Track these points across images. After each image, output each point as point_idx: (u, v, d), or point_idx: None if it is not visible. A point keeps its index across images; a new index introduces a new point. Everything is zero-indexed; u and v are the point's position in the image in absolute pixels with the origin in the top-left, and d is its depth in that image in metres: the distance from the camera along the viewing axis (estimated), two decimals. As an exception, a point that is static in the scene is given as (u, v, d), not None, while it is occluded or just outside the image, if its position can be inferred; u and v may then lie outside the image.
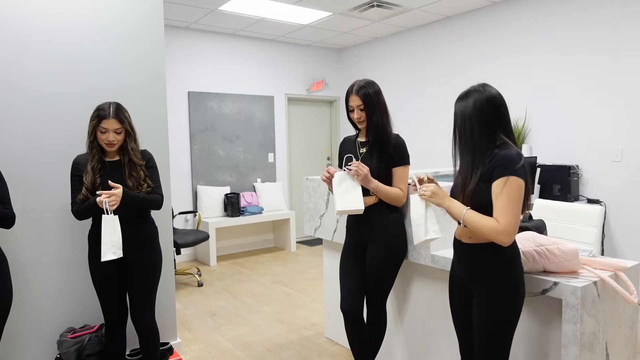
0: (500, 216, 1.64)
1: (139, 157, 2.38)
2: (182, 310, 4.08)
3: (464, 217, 1.71)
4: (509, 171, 1.65)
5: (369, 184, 2.27)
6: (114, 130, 2.28)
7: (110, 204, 2.18)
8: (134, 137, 2.37)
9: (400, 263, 2.44)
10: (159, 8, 2.98)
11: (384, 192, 2.30)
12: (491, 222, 1.65)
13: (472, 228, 1.71)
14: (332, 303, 3.28)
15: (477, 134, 1.73)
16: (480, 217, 1.68)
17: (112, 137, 2.28)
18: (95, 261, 2.38)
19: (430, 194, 1.81)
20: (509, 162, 1.67)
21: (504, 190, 1.65)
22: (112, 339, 2.50)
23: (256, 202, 6.15)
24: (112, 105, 2.31)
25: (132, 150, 2.36)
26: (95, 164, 2.30)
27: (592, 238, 2.78)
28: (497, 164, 1.68)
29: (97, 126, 2.28)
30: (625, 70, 3.98)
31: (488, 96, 1.74)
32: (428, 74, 5.71)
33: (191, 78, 5.79)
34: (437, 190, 1.81)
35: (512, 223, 1.64)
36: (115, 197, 2.19)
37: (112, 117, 2.26)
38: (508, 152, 1.69)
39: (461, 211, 1.72)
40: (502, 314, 1.73)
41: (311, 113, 7.03)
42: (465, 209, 1.71)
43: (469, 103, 1.75)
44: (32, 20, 2.59)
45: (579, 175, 4.29)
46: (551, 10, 4.46)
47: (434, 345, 2.58)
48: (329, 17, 5.30)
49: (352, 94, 2.34)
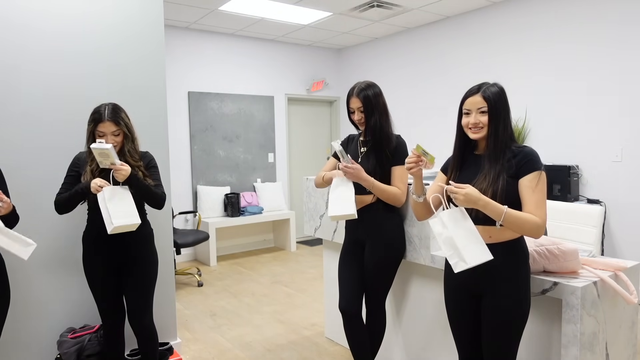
0: (538, 210, 1.64)
1: (137, 159, 2.32)
2: (182, 310, 4.08)
3: (505, 214, 1.62)
4: (539, 166, 1.69)
5: (364, 181, 2.27)
6: (111, 133, 2.22)
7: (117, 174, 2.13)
8: (132, 138, 2.31)
9: (398, 262, 2.44)
10: (159, 8, 2.98)
11: (379, 189, 2.30)
12: (532, 218, 1.64)
13: (512, 225, 1.65)
14: (332, 303, 3.28)
15: (510, 124, 1.76)
16: (519, 213, 1.65)
17: (111, 140, 2.21)
18: (89, 262, 2.37)
19: (464, 197, 1.63)
20: (537, 157, 1.71)
21: (539, 184, 1.66)
22: (110, 340, 2.49)
23: (256, 202, 6.15)
24: (108, 107, 2.24)
25: (129, 152, 2.29)
26: (94, 167, 2.25)
27: (592, 238, 2.78)
28: (527, 158, 1.70)
29: (94, 130, 2.23)
30: (626, 70, 3.97)
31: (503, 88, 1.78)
32: (428, 74, 5.71)
33: (191, 78, 5.79)
34: (471, 191, 1.64)
35: (546, 216, 1.66)
36: (123, 171, 2.14)
37: (107, 119, 2.20)
38: (531, 148, 1.74)
39: (501, 210, 1.63)
40: (519, 313, 1.73)
41: (311, 113, 7.03)
42: (505, 207, 1.63)
43: (499, 90, 1.75)
44: (32, 21, 2.59)
45: (579, 175, 4.29)
46: (551, 11, 4.45)
47: (433, 345, 2.58)
48: (329, 17, 5.30)
49: (353, 96, 2.36)
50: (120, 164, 2.15)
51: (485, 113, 1.73)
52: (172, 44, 5.57)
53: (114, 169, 2.15)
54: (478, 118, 1.75)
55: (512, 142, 1.77)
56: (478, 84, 1.80)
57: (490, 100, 1.73)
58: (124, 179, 2.16)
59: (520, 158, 1.71)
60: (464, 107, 1.80)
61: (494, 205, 1.64)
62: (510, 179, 1.70)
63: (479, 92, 1.75)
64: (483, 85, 1.77)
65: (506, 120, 1.75)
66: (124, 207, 2.16)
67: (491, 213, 1.65)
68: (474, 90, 1.78)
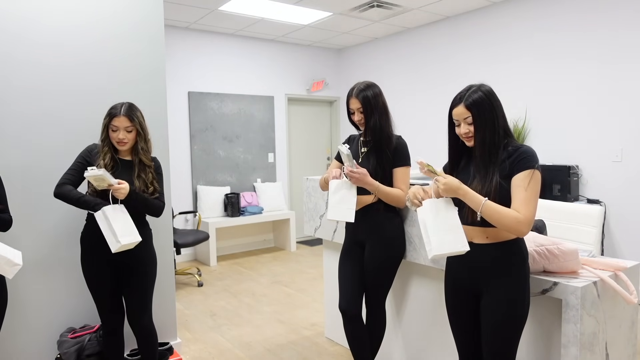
0: (523, 207, 1.64)
1: (149, 159, 2.40)
2: (182, 310, 4.08)
3: (483, 206, 1.65)
4: (533, 164, 1.68)
5: (369, 185, 2.27)
6: (125, 128, 2.30)
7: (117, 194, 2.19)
8: (145, 137, 2.38)
9: (398, 263, 2.44)
10: (159, 8, 2.98)
11: (384, 192, 2.30)
12: (512, 212, 1.64)
13: (491, 218, 1.66)
14: (332, 303, 3.28)
15: (501, 125, 1.74)
16: (500, 207, 1.65)
17: (123, 135, 2.29)
18: (87, 263, 2.39)
19: (444, 186, 1.67)
20: (532, 155, 1.70)
21: (531, 182, 1.66)
22: (109, 342, 2.49)
23: (256, 202, 6.15)
24: (125, 104, 2.34)
25: (142, 150, 2.37)
26: (107, 162, 2.32)
27: (592, 238, 2.78)
28: (521, 157, 1.69)
29: (108, 124, 2.31)
30: (626, 70, 3.98)
31: (491, 90, 1.77)
32: (428, 74, 5.72)
33: (191, 78, 5.79)
34: (450, 180, 1.68)
35: (532, 214, 1.65)
36: (122, 190, 2.20)
37: (122, 114, 2.29)
38: (528, 147, 1.73)
39: (480, 200, 1.66)
40: (518, 313, 1.73)
41: (311, 113, 7.03)
42: (484, 199, 1.66)
43: (483, 94, 1.73)
44: (31, 21, 2.59)
45: (579, 175, 4.29)
46: (551, 11, 4.46)
47: (433, 345, 2.58)
48: (329, 17, 5.30)
49: (352, 97, 2.36)
50: (117, 183, 2.20)
51: (472, 124, 1.73)
52: (173, 43, 5.57)
53: (112, 189, 2.20)
54: (467, 128, 1.75)
55: (509, 140, 1.76)
56: (462, 90, 1.78)
57: (472, 109, 1.72)
58: (124, 196, 2.21)
59: (514, 157, 1.70)
60: (453, 117, 1.80)
61: (472, 195, 1.67)
62: (503, 180, 1.70)
63: (462, 102, 1.74)
64: (466, 91, 1.75)
65: (495, 123, 1.72)
66: (126, 225, 2.22)
67: (470, 202, 1.68)
68: (457, 100, 1.77)
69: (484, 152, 1.73)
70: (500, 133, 1.74)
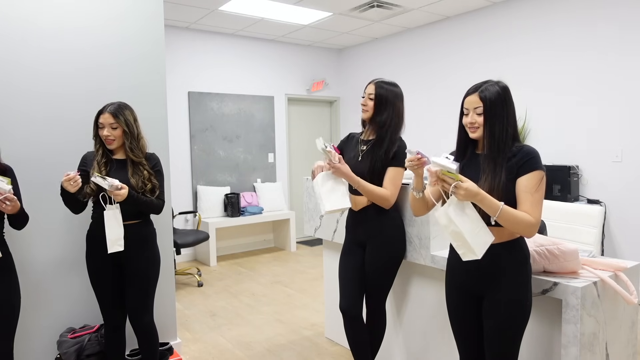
0: (534, 210, 1.64)
1: (139, 156, 2.39)
2: (182, 310, 4.08)
3: (500, 212, 1.61)
4: (539, 165, 1.68)
5: (349, 178, 2.28)
6: (109, 125, 2.33)
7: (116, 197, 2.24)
8: (133, 135, 2.38)
9: (399, 263, 2.44)
10: (159, 8, 2.98)
11: (364, 189, 2.29)
12: (526, 217, 1.63)
13: (506, 223, 1.63)
14: (332, 303, 3.28)
15: (511, 124, 1.73)
16: (515, 211, 1.64)
17: (107, 132, 2.33)
18: (92, 260, 2.41)
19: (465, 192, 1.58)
20: (536, 156, 1.70)
21: (537, 184, 1.66)
22: (111, 339, 2.49)
23: (256, 202, 6.15)
24: (115, 103, 2.39)
25: (130, 149, 2.38)
26: (100, 159, 2.36)
27: (592, 238, 2.79)
28: (526, 158, 1.69)
29: (96, 121, 2.37)
30: (626, 70, 3.98)
31: (508, 88, 1.76)
32: (428, 75, 5.71)
33: (191, 78, 5.79)
34: (470, 186, 1.59)
35: (540, 217, 1.66)
36: (119, 197, 2.23)
37: (107, 112, 2.33)
38: (531, 147, 1.72)
39: (497, 206, 1.61)
40: (520, 314, 1.73)
41: (311, 113, 7.03)
42: (501, 204, 1.61)
43: (499, 89, 1.72)
44: (31, 21, 2.59)
45: (579, 175, 4.29)
46: (551, 10, 4.46)
47: (434, 345, 2.58)
48: (329, 17, 5.30)
49: (371, 83, 2.38)
50: (120, 187, 2.23)
51: (482, 114, 1.72)
52: (173, 44, 5.57)
53: (113, 195, 2.23)
54: (474, 118, 1.74)
55: (515, 142, 1.74)
56: (480, 82, 1.78)
57: (486, 101, 1.71)
58: (122, 199, 2.25)
59: (519, 157, 1.69)
60: (464, 105, 1.79)
61: (490, 200, 1.62)
62: (509, 181, 1.69)
63: (477, 92, 1.73)
64: (483, 84, 1.75)
65: (506, 120, 1.71)
66: (120, 230, 2.31)
67: (487, 208, 1.63)
68: (472, 89, 1.76)
69: (491, 147, 1.72)
70: (509, 131, 1.72)
